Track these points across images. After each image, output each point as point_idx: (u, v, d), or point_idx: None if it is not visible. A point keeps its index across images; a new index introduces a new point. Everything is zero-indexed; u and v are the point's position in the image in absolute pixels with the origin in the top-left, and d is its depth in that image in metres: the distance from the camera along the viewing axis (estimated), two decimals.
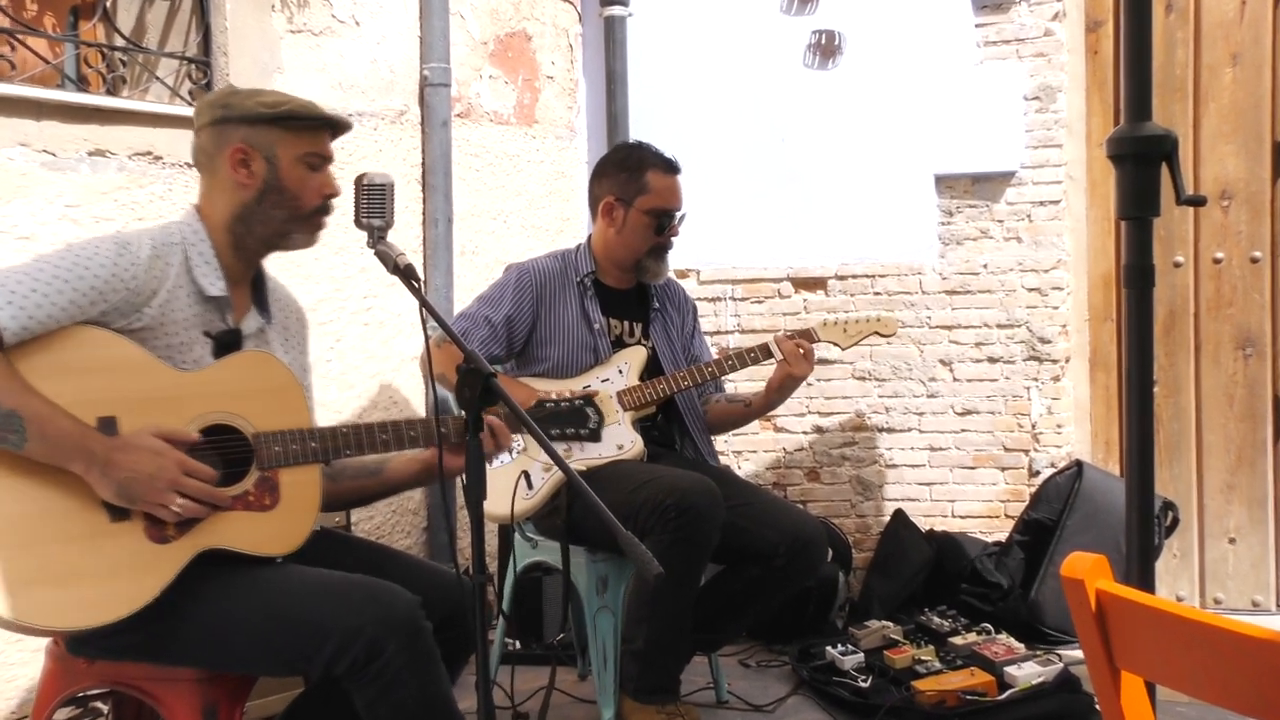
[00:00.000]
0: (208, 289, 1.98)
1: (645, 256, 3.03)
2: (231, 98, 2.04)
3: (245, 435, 1.95)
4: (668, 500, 2.60)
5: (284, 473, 1.96)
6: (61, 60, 2.93)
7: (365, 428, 2.04)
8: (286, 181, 2.03)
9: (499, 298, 2.98)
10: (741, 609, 2.91)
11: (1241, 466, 3.91)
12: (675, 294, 3.23)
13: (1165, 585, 3.91)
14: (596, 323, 3.00)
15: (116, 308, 1.86)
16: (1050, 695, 2.95)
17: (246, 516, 1.92)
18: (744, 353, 2.98)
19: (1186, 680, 1.11)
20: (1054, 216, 3.98)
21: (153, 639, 1.87)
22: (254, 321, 2.09)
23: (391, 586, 1.91)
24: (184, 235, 2.00)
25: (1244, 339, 3.90)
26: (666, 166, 3.02)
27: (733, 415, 3.15)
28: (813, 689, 3.20)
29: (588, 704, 3.12)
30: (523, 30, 4.08)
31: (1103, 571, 1.18)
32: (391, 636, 1.84)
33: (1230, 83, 3.88)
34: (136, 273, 1.89)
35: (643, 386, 2.93)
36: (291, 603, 1.87)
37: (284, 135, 2.02)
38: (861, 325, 3.07)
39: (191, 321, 1.96)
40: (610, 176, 3.03)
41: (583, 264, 3.05)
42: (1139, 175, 2.00)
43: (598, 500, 1.72)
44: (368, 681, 1.85)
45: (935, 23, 4.02)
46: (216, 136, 2.03)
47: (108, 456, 1.78)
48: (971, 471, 4.05)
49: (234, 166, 2.01)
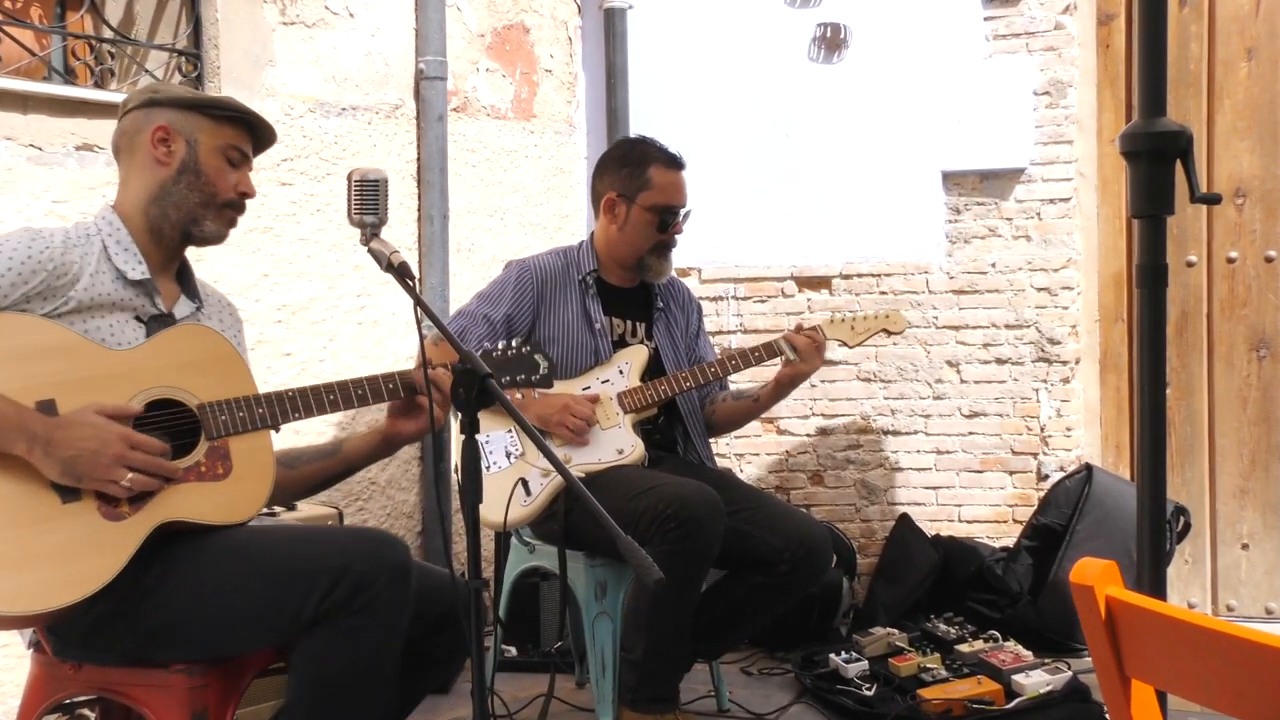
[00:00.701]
0: (129, 273, 1.98)
1: (648, 254, 2.98)
2: (161, 86, 2.12)
3: (190, 407, 1.94)
4: (668, 510, 2.56)
5: (234, 441, 1.95)
6: (48, 52, 2.90)
7: (311, 389, 2.03)
8: (204, 164, 2.03)
9: (499, 295, 2.94)
10: (744, 616, 2.88)
11: (1255, 471, 3.86)
12: (679, 293, 3.19)
13: (1176, 592, 3.86)
14: (598, 322, 2.96)
15: (39, 292, 1.86)
16: (1059, 704, 2.93)
17: (200, 487, 1.91)
18: (748, 352, 2.93)
19: (1198, 689, 1.10)
20: (1064, 214, 3.93)
21: (151, 631, 1.85)
22: (185, 307, 2.08)
23: (378, 531, 1.94)
24: (100, 228, 2.01)
25: (1258, 340, 3.84)
26: (670, 162, 2.97)
27: (741, 411, 3.11)
28: (816, 697, 3.17)
29: (585, 712, 3.09)
30: (520, 22, 4.05)
31: (1113, 578, 1.17)
32: (381, 572, 1.85)
33: (1245, 78, 3.82)
34: (52, 254, 1.88)
35: (644, 388, 2.89)
36: (274, 558, 1.87)
37: (207, 123, 2.04)
38: (869, 322, 3.03)
39: (120, 304, 1.96)
40: (612, 172, 2.99)
41: (585, 261, 3.01)
42: (1153, 172, 1.99)
43: (597, 504, 1.71)
44: (344, 616, 1.83)
45: (943, 16, 3.98)
46: (141, 118, 2.04)
47: (49, 435, 1.77)
48: (979, 475, 4.01)
49: (154, 144, 2.02)
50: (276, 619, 1.85)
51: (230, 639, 1.90)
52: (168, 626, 1.86)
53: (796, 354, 2.89)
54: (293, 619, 1.84)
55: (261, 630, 1.88)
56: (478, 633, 1.79)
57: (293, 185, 3.22)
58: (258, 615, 1.86)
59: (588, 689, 3.12)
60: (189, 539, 1.88)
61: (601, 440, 2.82)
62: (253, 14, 3.12)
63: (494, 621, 3.19)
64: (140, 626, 1.86)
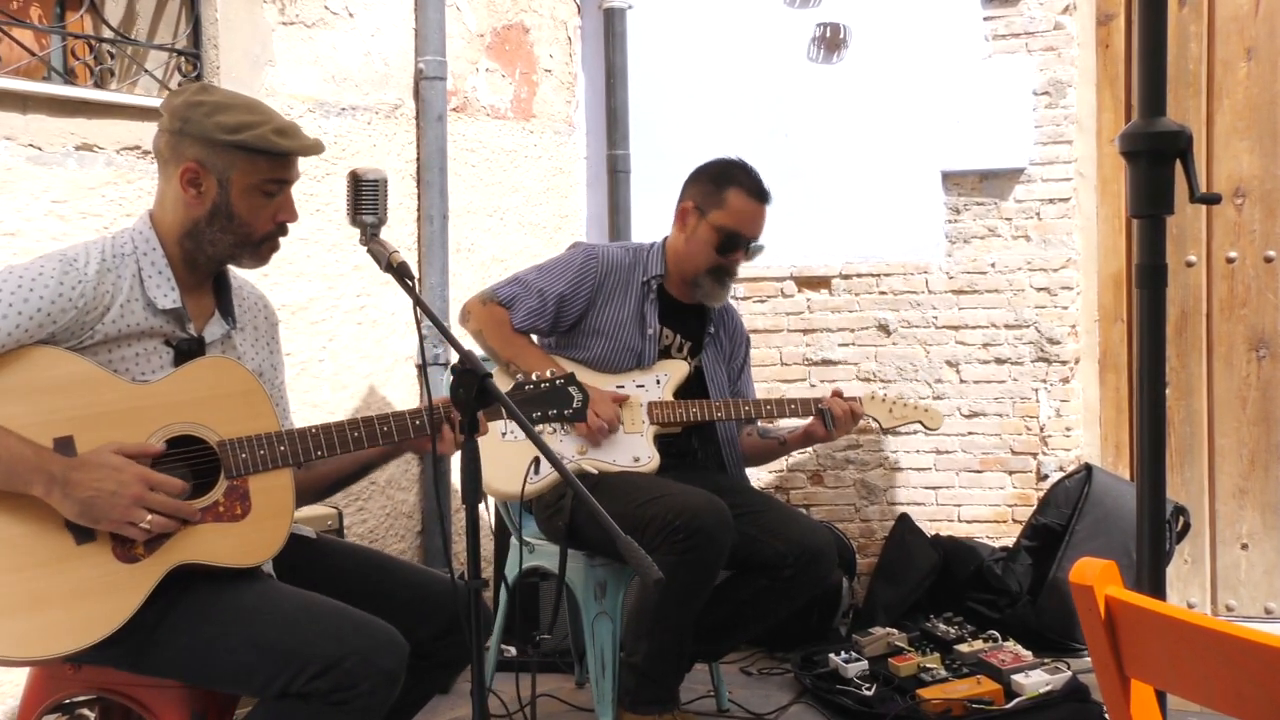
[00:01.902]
0: (160, 301, 1.92)
1: (704, 274, 2.95)
2: (193, 111, 1.93)
3: (210, 444, 1.90)
4: (677, 520, 2.56)
5: (253, 480, 1.90)
6: (48, 52, 2.89)
7: (336, 427, 1.99)
8: (237, 208, 1.94)
9: (559, 272, 2.92)
10: (746, 619, 2.88)
11: (1254, 471, 3.85)
12: (732, 322, 3.18)
13: (1176, 592, 3.86)
14: (651, 327, 2.95)
15: (67, 328, 1.82)
16: (1058, 704, 2.93)
17: (218, 528, 1.87)
18: (784, 403, 2.98)
19: (1198, 689, 1.10)
20: (1063, 214, 3.92)
21: (135, 655, 1.84)
22: (218, 328, 2.03)
23: (386, 627, 1.87)
24: (136, 245, 1.95)
25: (1257, 340, 3.84)
26: (753, 191, 2.93)
27: (766, 450, 3.14)
28: (815, 697, 3.17)
29: (586, 712, 3.08)
30: (520, 22, 4.04)
31: (1112, 578, 1.17)
32: (368, 677, 1.80)
33: (1244, 78, 3.82)
34: (84, 290, 1.84)
35: (675, 405, 2.89)
36: (274, 630, 1.83)
37: (242, 159, 1.92)
38: (908, 411, 3.05)
39: (150, 332, 1.92)
40: (698, 183, 2.98)
41: (653, 265, 2.99)
42: (1152, 172, 1.99)
43: (597, 505, 1.70)
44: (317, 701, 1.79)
45: (942, 15, 3.98)
46: (174, 146, 1.94)
47: (66, 476, 1.74)
48: (978, 475, 4.01)
49: (184, 185, 1.93)
50: (252, 682, 1.83)
51: (206, 681, 1.89)
52: (157, 659, 1.85)
53: (834, 421, 2.90)
54: (266, 686, 1.81)
55: (237, 685, 1.87)
56: (478, 633, 1.78)
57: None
58: (237, 674, 1.83)
59: (588, 689, 3.12)
60: (199, 584, 1.86)
61: (621, 443, 2.82)
62: (252, 14, 3.12)
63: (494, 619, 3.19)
64: (127, 658, 1.85)
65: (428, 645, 2.01)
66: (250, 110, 1.95)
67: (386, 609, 1.93)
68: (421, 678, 2.03)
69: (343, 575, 2.04)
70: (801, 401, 2.95)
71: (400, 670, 1.85)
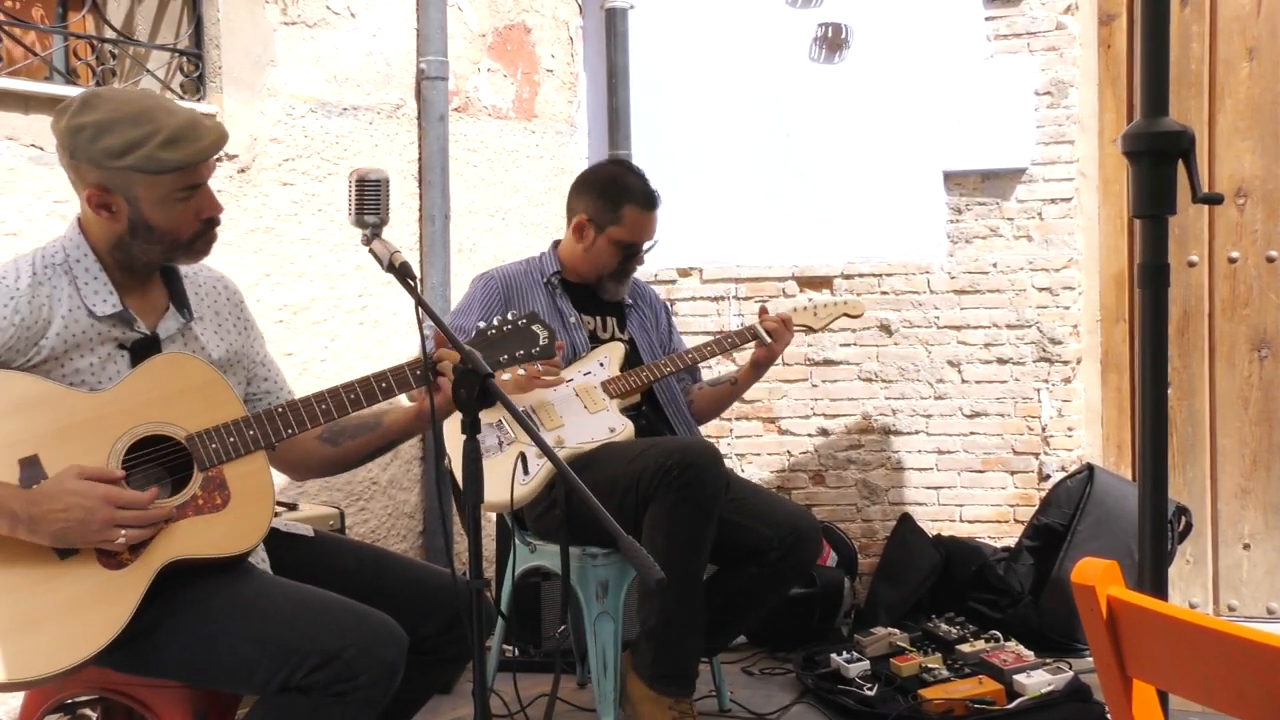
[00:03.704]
0: (99, 308, 1.88)
1: (607, 278, 3.05)
2: (77, 137, 1.81)
3: (179, 440, 1.89)
4: (669, 461, 2.61)
5: (229, 468, 1.89)
6: (50, 53, 2.89)
7: (302, 402, 1.97)
8: (154, 220, 1.88)
9: (468, 307, 2.97)
10: (740, 609, 2.89)
11: (1257, 471, 3.85)
12: (645, 293, 3.25)
13: (1178, 592, 3.85)
14: (571, 316, 3.00)
15: (10, 346, 1.80)
16: (1060, 704, 2.92)
17: (200, 521, 1.86)
18: (723, 338, 3.05)
19: (1200, 689, 1.10)
20: (1065, 214, 3.92)
21: (136, 659, 1.84)
22: (173, 323, 1.99)
23: (384, 618, 1.86)
24: (68, 253, 1.90)
25: (1259, 340, 3.83)
26: (645, 202, 2.99)
27: (721, 396, 3.18)
28: (817, 697, 3.17)
29: (587, 712, 3.08)
30: (521, 22, 4.04)
31: (1114, 578, 1.17)
32: (368, 669, 1.79)
33: (1247, 78, 3.81)
34: (19, 305, 1.81)
35: (626, 375, 2.95)
36: (273, 624, 1.82)
37: (140, 178, 1.84)
38: (831, 309, 3.15)
39: (99, 339, 1.89)
40: (588, 197, 3.02)
41: (548, 265, 3.05)
42: (1155, 172, 1.98)
43: (597, 505, 1.71)
44: (317, 693, 1.79)
45: (944, 15, 3.97)
46: (72, 168, 1.87)
47: (30, 514, 1.72)
48: (980, 475, 4.00)
49: (95, 208, 1.86)
50: (253, 679, 1.82)
51: (207, 681, 1.88)
52: (159, 661, 1.85)
53: (770, 336, 2.98)
54: (267, 681, 1.80)
55: (238, 683, 1.86)
56: (479, 632, 1.78)
57: (294, 185, 3.22)
58: (238, 671, 1.83)
59: (589, 689, 3.12)
60: (195, 584, 1.85)
61: (592, 421, 2.85)
62: (254, 14, 3.12)
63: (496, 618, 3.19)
64: (128, 660, 1.84)
65: (429, 642, 2.00)
66: (136, 122, 1.82)
67: (387, 606, 1.92)
68: (422, 675, 2.02)
69: (343, 573, 2.03)
70: (736, 333, 3.03)
71: (400, 661, 1.84)
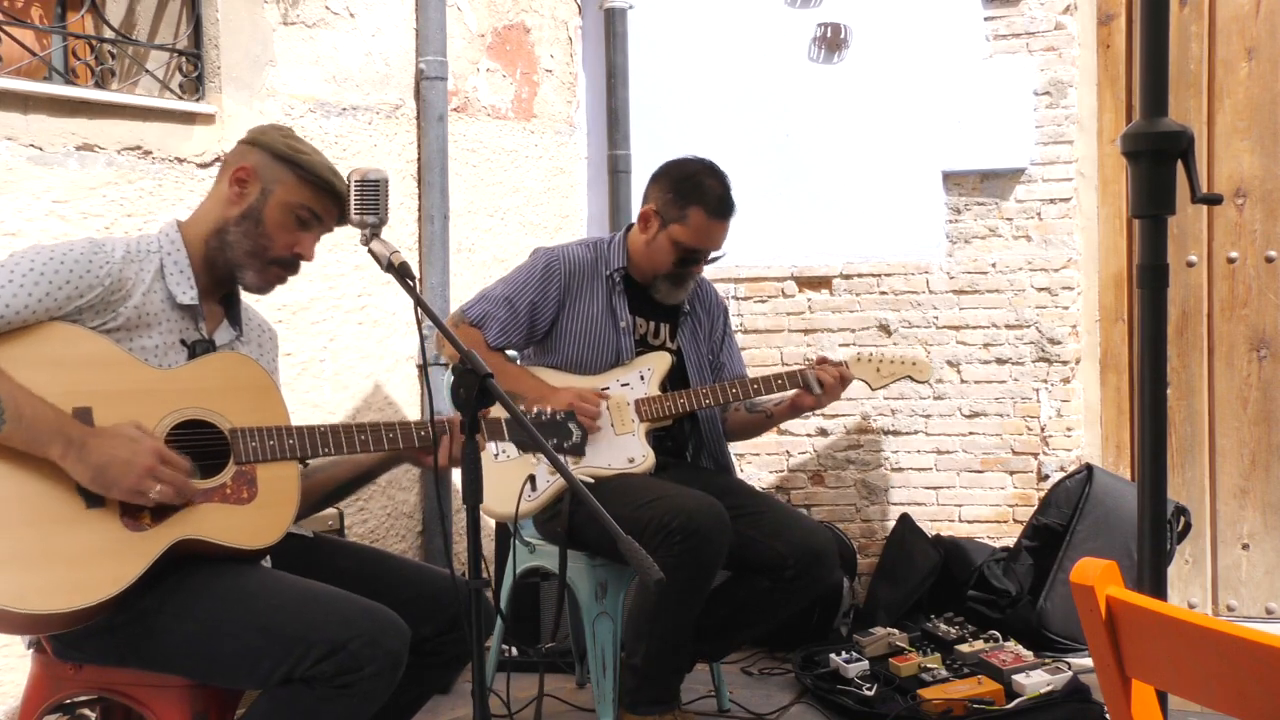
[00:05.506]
0: (179, 296, 2.01)
1: (662, 278, 2.94)
2: (275, 133, 2.10)
3: (221, 430, 1.95)
4: (674, 522, 2.55)
5: (261, 468, 1.97)
6: (49, 52, 2.89)
7: (344, 428, 2.06)
8: (268, 217, 2.04)
9: (524, 281, 2.90)
10: (749, 619, 2.87)
11: (1255, 471, 3.85)
12: (706, 295, 3.13)
13: (1177, 592, 3.85)
14: (623, 320, 2.93)
15: (92, 305, 1.89)
16: (1059, 704, 2.92)
17: (224, 509, 1.92)
18: (771, 379, 2.89)
19: (1199, 689, 1.10)
20: (1064, 214, 3.92)
21: (136, 644, 1.85)
22: (226, 334, 2.11)
23: (388, 611, 1.89)
24: (160, 245, 2.04)
25: (1258, 340, 3.83)
26: (716, 208, 2.87)
27: (753, 424, 3.12)
28: (816, 697, 3.17)
29: (586, 712, 3.08)
30: (521, 23, 4.04)
31: (1113, 578, 1.17)
32: (373, 659, 1.82)
33: (1245, 78, 3.81)
34: (111, 270, 1.92)
35: (662, 399, 2.87)
36: (279, 613, 1.84)
37: (290, 178, 2.04)
38: (895, 366, 2.98)
39: (166, 327, 1.99)
40: (661, 187, 2.92)
41: (615, 257, 2.96)
42: (1154, 172, 1.98)
43: (599, 506, 1.71)
44: (321, 685, 1.80)
45: (943, 16, 3.98)
46: (240, 153, 2.08)
47: (84, 441, 1.79)
48: (979, 475, 4.00)
49: (232, 181, 2.05)
50: (257, 670, 1.83)
51: (211, 675, 1.89)
52: (160, 649, 1.85)
53: (821, 389, 2.87)
54: (271, 673, 1.82)
55: (241, 675, 1.87)
56: (478, 632, 1.79)
57: None
58: (243, 662, 1.84)
59: (588, 689, 3.12)
60: (200, 570, 1.88)
61: (614, 445, 2.81)
62: (253, 14, 3.12)
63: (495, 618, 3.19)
64: (130, 646, 1.85)
65: (429, 643, 2.01)
66: (321, 157, 2.09)
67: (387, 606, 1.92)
68: (421, 676, 2.03)
69: (342, 574, 2.05)
70: (788, 375, 2.88)
71: (404, 652, 1.87)
